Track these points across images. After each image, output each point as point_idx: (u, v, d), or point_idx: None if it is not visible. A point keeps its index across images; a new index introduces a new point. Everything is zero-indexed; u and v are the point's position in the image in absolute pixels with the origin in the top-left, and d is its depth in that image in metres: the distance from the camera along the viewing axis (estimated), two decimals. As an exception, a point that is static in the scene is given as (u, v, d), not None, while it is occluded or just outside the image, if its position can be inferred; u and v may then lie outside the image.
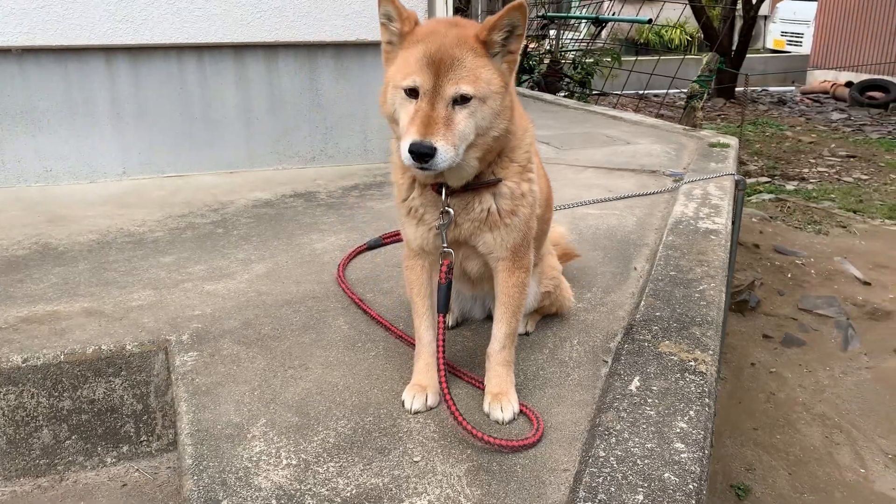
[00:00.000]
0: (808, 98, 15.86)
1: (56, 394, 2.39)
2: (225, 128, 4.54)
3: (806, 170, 10.00)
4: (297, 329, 2.59)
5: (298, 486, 1.80)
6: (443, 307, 2.04)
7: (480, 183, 1.99)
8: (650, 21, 8.59)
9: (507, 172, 2.02)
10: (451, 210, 1.99)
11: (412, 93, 1.81)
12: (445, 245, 2.03)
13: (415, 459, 1.90)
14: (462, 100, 1.81)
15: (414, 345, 2.42)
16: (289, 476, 1.84)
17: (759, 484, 4.05)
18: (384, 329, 2.58)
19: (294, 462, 1.89)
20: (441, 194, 1.97)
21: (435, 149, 1.73)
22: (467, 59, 1.81)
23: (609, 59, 9.14)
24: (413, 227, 2.10)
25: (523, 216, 2.06)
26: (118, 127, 4.33)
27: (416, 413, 2.10)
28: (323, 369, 2.34)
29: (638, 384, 2.16)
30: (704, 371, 2.24)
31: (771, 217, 7.68)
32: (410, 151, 1.74)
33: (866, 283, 6.09)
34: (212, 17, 4.19)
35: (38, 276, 3.00)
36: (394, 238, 3.38)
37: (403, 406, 2.12)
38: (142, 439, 2.50)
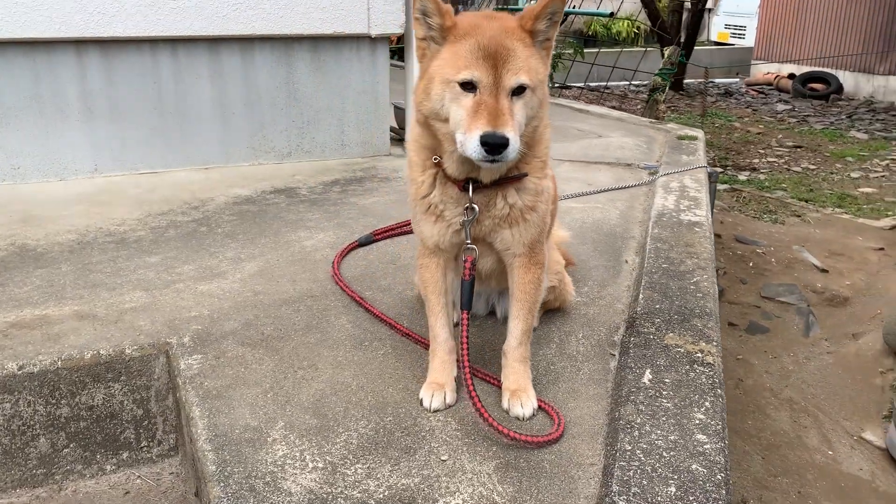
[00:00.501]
0: (753, 89, 16.28)
1: (53, 401, 2.32)
2: (200, 123, 4.43)
3: (756, 160, 10.26)
4: (301, 329, 2.56)
5: (329, 490, 1.79)
6: (467, 303, 2.05)
7: (508, 178, 2.00)
8: (612, 14, 8.72)
9: (531, 168, 2.02)
10: (476, 206, 1.99)
11: (468, 86, 1.80)
12: (469, 241, 2.03)
13: (442, 458, 1.90)
14: (519, 90, 1.81)
15: (422, 342, 2.43)
16: (318, 479, 1.82)
17: (735, 469, 4.17)
18: (389, 327, 2.57)
19: (321, 465, 1.87)
20: (467, 191, 1.97)
21: (508, 139, 1.73)
22: (518, 49, 1.82)
23: (571, 52, 9.25)
24: (430, 224, 2.09)
25: (541, 212, 2.08)
26: (89, 122, 4.18)
27: (436, 411, 2.10)
28: (333, 369, 2.32)
29: (650, 377, 2.20)
30: (712, 362, 2.30)
31: (729, 207, 7.88)
32: (485, 143, 1.72)
33: (824, 271, 6.30)
34: (186, 9, 4.08)
35: (20, 279, 2.90)
36: (385, 234, 3.37)
37: (422, 404, 2.12)
38: (142, 445, 2.45)
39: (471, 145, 1.75)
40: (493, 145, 1.72)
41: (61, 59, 4.02)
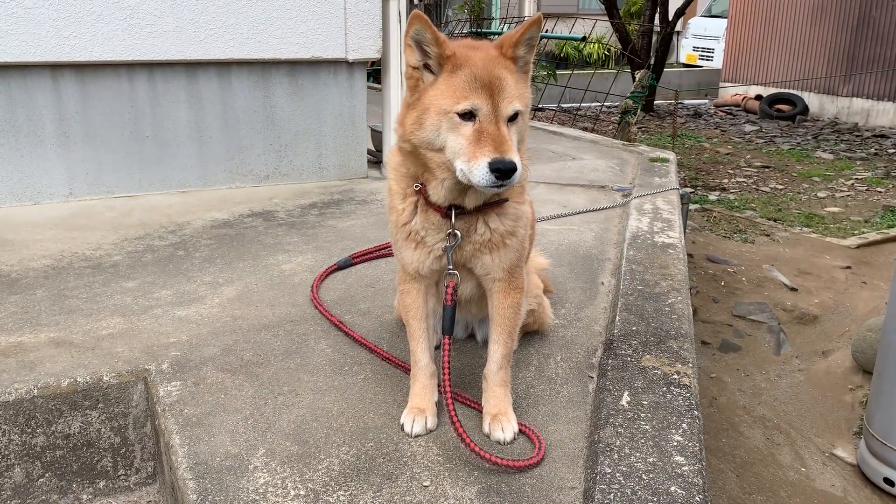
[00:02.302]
0: (721, 111, 16.57)
1: (29, 430, 2.30)
2: (177, 146, 4.43)
3: (726, 180, 10.43)
4: (280, 354, 2.56)
5: (312, 517, 1.79)
6: (449, 328, 2.06)
7: (489, 203, 2.03)
8: (584, 38, 8.83)
9: (511, 193, 2.05)
10: (458, 232, 2.01)
11: (467, 116, 1.83)
12: (451, 267, 2.05)
13: (424, 484, 1.91)
14: (513, 117, 1.86)
15: (402, 367, 2.44)
16: (300, 507, 1.82)
17: (711, 488, 4.19)
18: (369, 352, 2.58)
19: (303, 492, 1.87)
20: (449, 217, 2.00)
21: (516, 165, 1.77)
22: (508, 77, 1.86)
23: (545, 75, 9.39)
24: (412, 251, 2.11)
25: (521, 237, 2.11)
26: (64, 146, 4.16)
27: (417, 436, 2.10)
28: (314, 395, 2.32)
29: (628, 399, 2.24)
30: (688, 384, 2.34)
31: (700, 227, 8.00)
32: (495, 169, 1.75)
33: (793, 290, 6.41)
34: (164, 33, 4.09)
35: (-6, 306, 2.86)
36: (364, 257, 3.38)
37: (403, 430, 2.13)
38: (119, 473, 2.42)
39: (479, 172, 1.77)
40: (504, 171, 1.75)
41: (36, 83, 4.01)
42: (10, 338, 2.60)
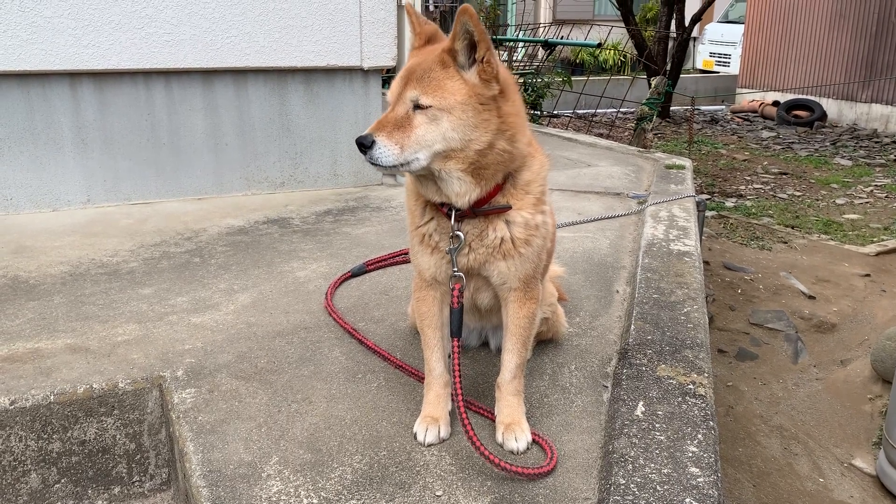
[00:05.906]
0: (738, 117, 16.48)
1: (45, 436, 2.31)
2: (193, 154, 4.47)
3: (742, 186, 10.36)
4: (294, 361, 2.56)
5: (325, 526, 1.78)
6: (457, 331, 2.06)
7: (491, 208, 2.02)
8: (600, 45, 8.82)
9: (523, 203, 2.05)
10: (461, 234, 2.01)
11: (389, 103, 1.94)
12: (455, 269, 2.05)
13: (437, 494, 1.90)
14: (420, 106, 1.86)
15: (415, 375, 2.44)
16: (313, 515, 1.82)
17: (727, 498, 4.17)
18: (382, 359, 2.58)
19: (315, 501, 1.87)
20: (450, 218, 2.01)
21: (373, 141, 1.83)
22: (434, 70, 1.87)
23: (560, 81, 9.37)
24: (427, 255, 2.11)
25: (536, 247, 2.10)
26: (82, 153, 4.21)
27: (430, 445, 2.10)
28: (327, 403, 2.32)
29: (643, 409, 2.22)
30: (704, 394, 2.32)
31: (717, 234, 7.95)
32: (355, 142, 1.86)
33: (811, 297, 6.35)
34: (181, 42, 4.13)
35: (13, 312, 2.89)
36: (378, 265, 3.39)
37: (416, 439, 2.12)
38: (134, 480, 2.43)
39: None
40: (359, 143, 1.85)
41: (55, 91, 4.06)
42: (28, 344, 2.63)
